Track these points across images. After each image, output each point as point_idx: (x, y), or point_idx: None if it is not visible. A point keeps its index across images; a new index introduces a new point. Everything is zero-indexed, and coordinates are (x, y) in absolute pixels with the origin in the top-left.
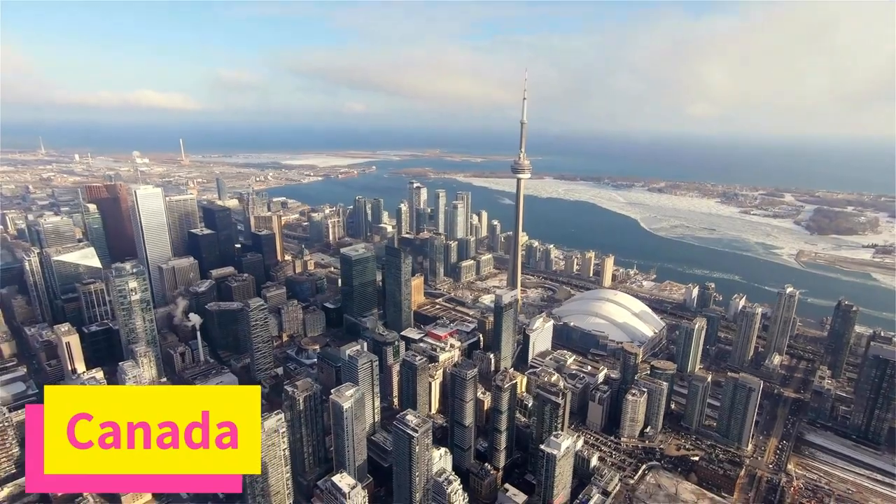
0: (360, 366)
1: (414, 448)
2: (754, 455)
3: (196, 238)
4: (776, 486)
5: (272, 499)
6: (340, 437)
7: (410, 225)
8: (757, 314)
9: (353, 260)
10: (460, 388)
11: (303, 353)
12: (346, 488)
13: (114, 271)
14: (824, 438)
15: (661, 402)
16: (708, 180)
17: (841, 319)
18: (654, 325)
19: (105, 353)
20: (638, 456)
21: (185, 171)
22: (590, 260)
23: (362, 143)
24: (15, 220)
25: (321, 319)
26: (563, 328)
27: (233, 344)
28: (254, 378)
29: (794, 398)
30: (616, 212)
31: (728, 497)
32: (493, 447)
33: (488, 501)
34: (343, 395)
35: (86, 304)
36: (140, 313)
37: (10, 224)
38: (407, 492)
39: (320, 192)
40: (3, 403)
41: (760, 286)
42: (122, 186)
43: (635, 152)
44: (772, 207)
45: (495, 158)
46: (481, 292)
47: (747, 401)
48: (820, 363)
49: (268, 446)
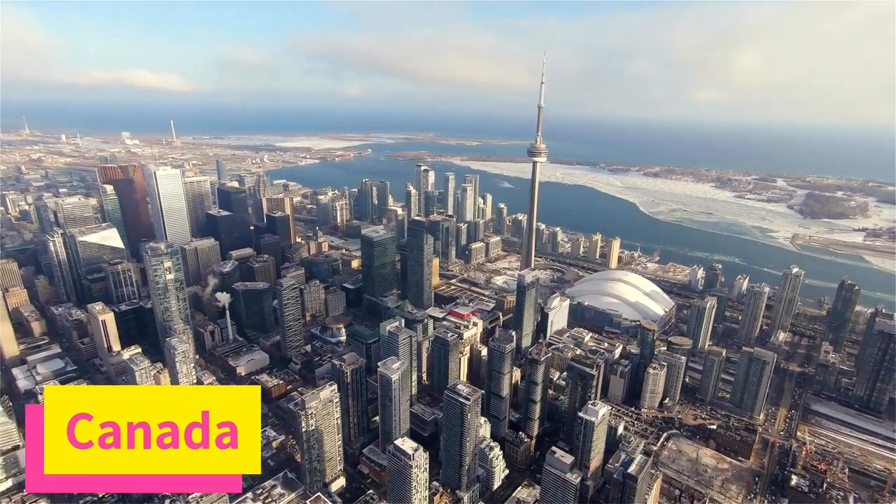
0: (400, 341)
1: (466, 415)
2: (766, 424)
3: (215, 219)
4: (788, 451)
5: (326, 464)
6: (388, 407)
7: (419, 208)
8: (764, 293)
9: (375, 241)
10: (498, 361)
11: (327, 332)
12: (410, 450)
13: (149, 251)
14: (829, 408)
15: (679, 376)
16: (702, 165)
17: (843, 298)
18: (664, 304)
19: (136, 331)
20: (658, 425)
21: (178, 153)
22: (596, 242)
23: (355, 125)
24: (16, 201)
25: (342, 299)
26: (578, 307)
27: (259, 323)
28: (284, 355)
29: (798, 372)
30: (615, 196)
31: (745, 461)
32: (527, 417)
33: (523, 467)
34: (390, 367)
35: (114, 283)
36: (174, 292)
37: (11, 206)
38: (457, 456)
39: (318, 174)
40: (44, 380)
41: (760, 268)
42: (137, 168)
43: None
44: (765, 192)
45: (490, 142)
46: (492, 274)
47: (761, 373)
48: (821, 339)
49: (323, 415)
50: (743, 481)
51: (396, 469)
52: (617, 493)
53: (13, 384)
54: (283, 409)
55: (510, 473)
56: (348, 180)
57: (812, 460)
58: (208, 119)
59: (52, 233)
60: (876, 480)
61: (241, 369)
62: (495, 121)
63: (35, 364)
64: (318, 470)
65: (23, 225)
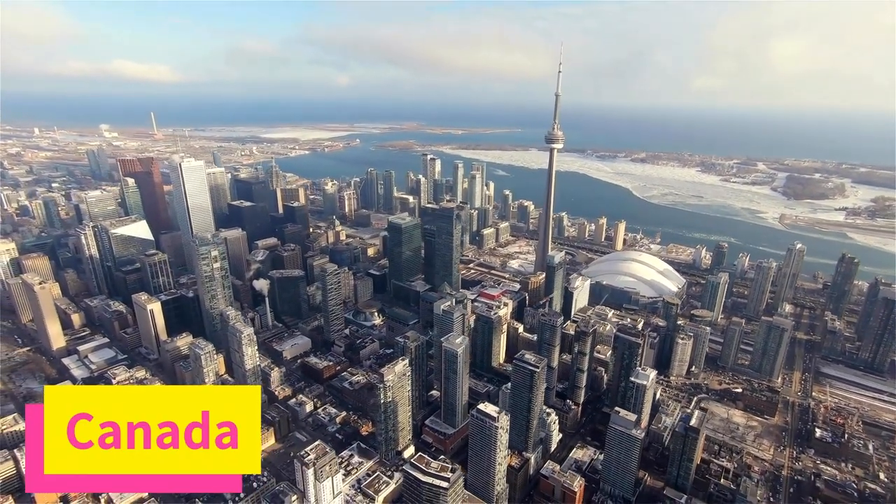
0: (455, 318)
1: (536, 382)
2: (783, 386)
3: (239, 210)
4: (807, 409)
5: (399, 434)
6: (452, 379)
7: (428, 196)
8: (771, 268)
9: (403, 228)
10: (549, 333)
11: (360, 316)
12: (495, 413)
13: (196, 241)
14: (837, 370)
15: (704, 345)
16: (686, 150)
17: (843, 271)
18: (676, 281)
19: (178, 320)
20: (688, 391)
21: (162, 146)
22: (602, 226)
23: (339, 115)
24: (11, 197)
25: (370, 285)
26: (596, 286)
27: (294, 309)
28: (327, 338)
29: (805, 339)
30: (608, 181)
31: (770, 419)
32: (574, 385)
33: (572, 431)
34: (454, 342)
35: (150, 274)
36: (220, 280)
37: (7, 202)
38: (524, 420)
39: (312, 165)
40: (98, 369)
41: (755, 247)
42: (155, 161)
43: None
44: (748, 175)
45: (475, 131)
46: (505, 258)
47: (780, 339)
48: (823, 310)
49: (398, 388)
50: (772, 436)
51: (481, 431)
52: (679, 444)
53: (66, 373)
54: (336, 388)
55: (562, 437)
56: (344, 170)
57: (830, 415)
58: (191, 111)
59: (81, 227)
60: (887, 431)
61: (287, 353)
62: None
63: (87, 354)
64: (393, 439)
65: (26, 221)
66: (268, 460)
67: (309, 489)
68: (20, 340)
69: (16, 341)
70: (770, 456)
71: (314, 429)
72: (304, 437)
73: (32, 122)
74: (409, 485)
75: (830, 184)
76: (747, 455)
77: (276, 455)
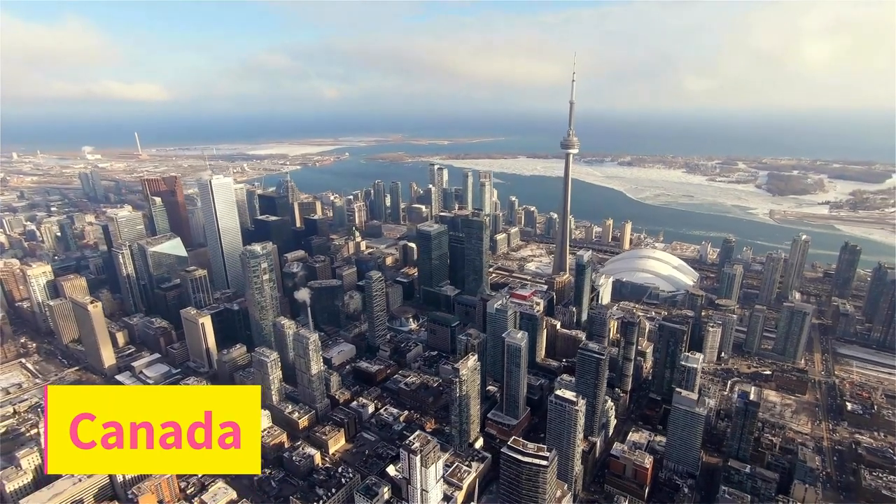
0: (508, 315)
1: (601, 368)
2: (806, 367)
3: (266, 225)
4: (833, 386)
5: (471, 426)
6: (514, 373)
7: (439, 204)
8: (781, 259)
9: (432, 235)
10: (600, 325)
11: (396, 322)
12: (574, 397)
13: (247, 253)
14: (852, 350)
15: (731, 332)
16: (668, 153)
17: (847, 259)
18: (690, 275)
19: (226, 333)
20: (721, 375)
21: (150, 166)
22: (609, 227)
23: (322, 130)
24: (12, 222)
25: (399, 292)
26: (616, 283)
27: (332, 318)
28: (372, 344)
29: (818, 323)
30: (600, 185)
31: (802, 396)
32: (621, 374)
33: (624, 417)
34: (515, 337)
35: (192, 290)
36: (269, 291)
37: (8, 226)
38: (591, 405)
39: (307, 179)
40: (155, 383)
41: (753, 241)
42: (179, 180)
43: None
44: (731, 174)
45: (460, 141)
46: (520, 262)
47: (803, 322)
48: (828, 296)
49: (471, 382)
50: (807, 412)
51: (560, 415)
52: (741, 419)
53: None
54: (391, 390)
55: (616, 423)
56: (340, 183)
57: (856, 391)
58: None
59: (118, 246)
60: None
61: (335, 360)
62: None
63: (141, 369)
64: (465, 431)
65: (35, 245)
66: (343, 458)
67: (415, 475)
68: (65, 361)
69: (61, 363)
70: (809, 430)
71: (379, 428)
72: (372, 436)
73: (10, 147)
74: (509, 466)
75: (810, 180)
76: (788, 430)
77: (350, 454)
